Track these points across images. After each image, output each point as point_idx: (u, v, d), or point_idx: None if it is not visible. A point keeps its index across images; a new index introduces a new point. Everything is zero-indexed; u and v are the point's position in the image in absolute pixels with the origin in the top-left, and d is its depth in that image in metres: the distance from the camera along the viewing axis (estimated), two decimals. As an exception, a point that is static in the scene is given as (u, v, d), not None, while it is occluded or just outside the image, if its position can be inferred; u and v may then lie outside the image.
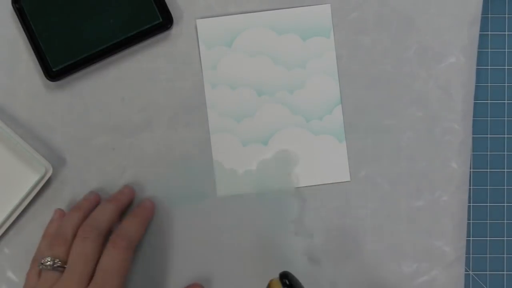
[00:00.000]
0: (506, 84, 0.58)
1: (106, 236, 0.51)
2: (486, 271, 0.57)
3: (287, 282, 0.48)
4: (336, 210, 0.56)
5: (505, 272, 0.57)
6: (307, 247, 0.56)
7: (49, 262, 0.49)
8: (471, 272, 0.57)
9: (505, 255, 0.57)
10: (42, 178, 0.54)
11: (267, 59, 0.56)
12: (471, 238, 0.57)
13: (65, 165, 0.56)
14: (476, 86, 0.56)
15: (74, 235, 0.50)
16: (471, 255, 0.57)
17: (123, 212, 0.55)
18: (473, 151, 0.57)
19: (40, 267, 0.49)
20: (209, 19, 0.56)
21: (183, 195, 0.56)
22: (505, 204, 0.58)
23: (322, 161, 0.56)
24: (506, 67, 0.58)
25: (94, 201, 0.54)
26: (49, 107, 0.56)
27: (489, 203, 0.58)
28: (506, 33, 0.58)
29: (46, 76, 0.55)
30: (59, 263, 0.49)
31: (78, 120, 0.56)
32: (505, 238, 0.57)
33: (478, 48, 0.56)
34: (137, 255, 0.56)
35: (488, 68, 0.58)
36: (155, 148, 0.56)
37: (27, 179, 0.55)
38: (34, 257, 0.52)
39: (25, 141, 0.55)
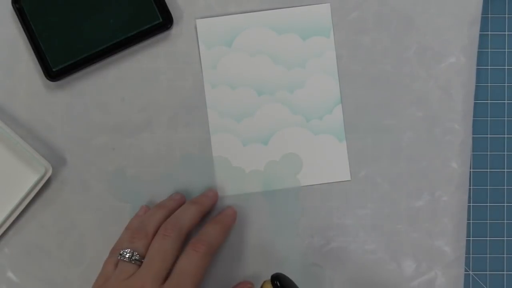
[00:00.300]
0: (506, 84, 0.58)
1: (186, 238, 0.51)
2: (486, 271, 0.57)
3: (278, 284, 0.48)
4: (336, 210, 0.56)
5: (505, 272, 0.57)
6: (307, 247, 0.56)
7: (128, 254, 0.49)
8: (471, 272, 0.57)
9: (505, 255, 0.57)
10: (42, 178, 0.54)
11: (267, 58, 0.56)
12: (471, 238, 0.57)
13: (65, 165, 0.56)
14: (476, 86, 0.56)
15: (155, 231, 0.51)
16: (471, 255, 0.57)
17: (205, 215, 0.54)
18: (473, 151, 0.57)
19: (119, 257, 0.50)
20: (208, 19, 0.56)
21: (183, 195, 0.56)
22: (505, 204, 0.58)
23: (322, 160, 0.56)
24: (506, 67, 0.58)
25: (179, 201, 0.54)
26: (49, 107, 0.56)
27: (489, 203, 0.58)
28: (506, 33, 0.58)
29: (46, 76, 0.55)
30: (137, 256, 0.49)
31: (78, 120, 0.56)
32: (505, 238, 0.57)
33: (478, 48, 0.56)
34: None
35: (488, 68, 0.58)
36: (155, 148, 0.56)
37: (27, 179, 0.55)
38: (113, 247, 0.52)
39: (25, 141, 0.55)
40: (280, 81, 0.56)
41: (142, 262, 0.49)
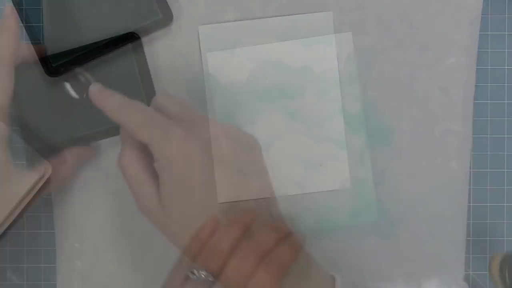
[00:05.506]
0: (506, 84, 0.58)
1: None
2: (486, 271, 0.57)
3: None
4: (337, 213, 0.56)
5: (504, 272, 0.58)
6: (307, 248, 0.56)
7: (203, 276, 0.48)
8: (471, 272, 0.57)
9: (505, 256, 0.58)
10: (42, 177, 0.54)
11: (268, 65, 0.56)
12: (471, 238, 0.57)
13: (65, 165, 0.56)
14: (476, 86, 0.56)
15: (231, 251, 0.49)
16: (471, 255, 0.57)
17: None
18: (473, 151, 0.58)
19: (191, 276, 0.48)
20: (211, 25, 0.56)
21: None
22: (505, 204, 0.58)
23: (323, 168, 0.56)
24: (506, 67, 0.58)
25: (253, 216, 0.52)
26: (49, 106, 0.56)
27: (489, 203, 0.58)
28: (506, 33, 0.58)
29: (45, 72, 0.55)
30: (211, 278, 0.48)
31: (78, 120, 0.56)
32: (505, 238, 0.58)
33: (478, 48, 0.56)
34: (136, 253, 0.56)
35: (488, 68, 0.58)
36: (155, 148, 0.56)
37: (27, 178, 0.55)
38: (180, 258, 0.50)
39: (24, 140, 0.55)
40: (281, 87, 0.56)
41: (214, 283, 0.48)
